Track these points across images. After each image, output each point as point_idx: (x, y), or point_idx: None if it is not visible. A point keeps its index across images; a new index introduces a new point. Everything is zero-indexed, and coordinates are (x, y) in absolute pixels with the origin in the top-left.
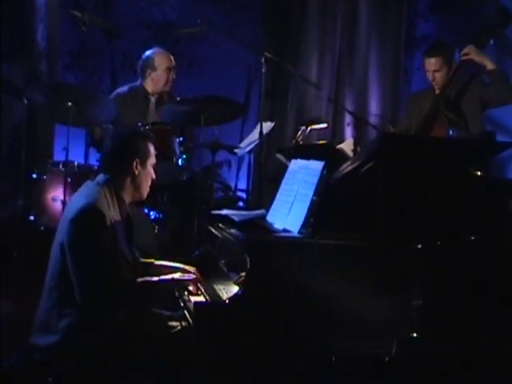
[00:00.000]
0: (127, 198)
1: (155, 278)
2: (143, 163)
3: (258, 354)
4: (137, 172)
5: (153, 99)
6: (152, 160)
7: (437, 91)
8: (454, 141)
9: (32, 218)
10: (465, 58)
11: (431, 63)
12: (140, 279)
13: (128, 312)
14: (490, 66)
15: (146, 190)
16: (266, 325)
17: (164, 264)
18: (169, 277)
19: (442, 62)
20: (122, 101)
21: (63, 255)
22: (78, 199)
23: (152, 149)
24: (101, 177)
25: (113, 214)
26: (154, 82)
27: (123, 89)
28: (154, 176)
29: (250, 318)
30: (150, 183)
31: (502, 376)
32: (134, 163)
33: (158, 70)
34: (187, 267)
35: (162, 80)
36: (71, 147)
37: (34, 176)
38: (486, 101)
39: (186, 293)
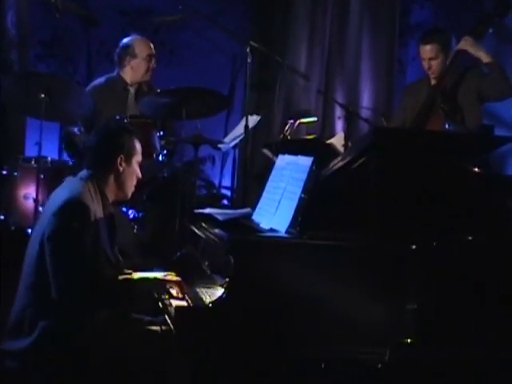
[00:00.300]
0: (110, 196)
1: (138, 274)
2: (128, 160)
3: (243, 361)
4: (121, 169)
5: (132, 90)
6: (138, 158)
7: (432, 81)
8: (450, 135)
9: (2, 217)
10: (461, 47)
11: (427, 50)
12: (121, 277)
13: (107, 314)
14: (485, 59)
15: (130, 189)
16: (252, 330)
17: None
18: (151, 275)
19: (438, 50)
20: (98, 93)
21: (42, 252)
22: (61, 193)
23: (138, 146)
24: (84, 172)
25: (97, 210)
26: (134, 70)
27: (100, 80)
28: (139, 175)
29: (235, 323)
30: (135, 182)
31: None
32: (119, 159)
33: (137, 57)
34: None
35: (142, 68)
36: (44, 142)
37: (4, 172)
38: (483, 93)
39: (166, 296)
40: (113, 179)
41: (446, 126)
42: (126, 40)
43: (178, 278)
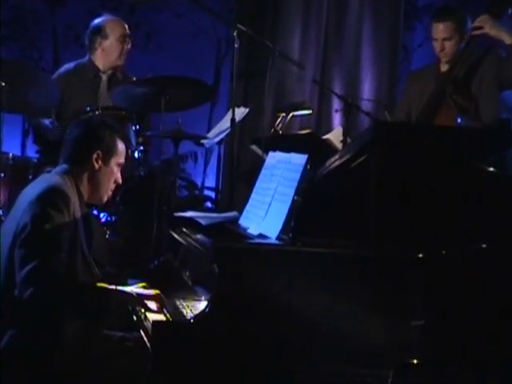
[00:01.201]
0: (86, 195)
1: (113, 287)
2: (106, 159)
3: (228, 382)
4: (97, 166)
5: (104, 77)
6: (119, 159)
7: (443, 67)
8: (462, 130)
9: None
10: (478, 31)
11: (440, 30)
12: (97, 284)
13: (78, 327)
14: (508, 40)
15: (105, 193)
16: (238, 348)
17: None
18: (128, 288)
19: (453, 29)
20: (66, 81)
21: (11, 251)
22: (38, 185)
23: (121, 147)
24: (59, 168)
25: (76, 204)
26: (106, 53)
27: (68, 66)
28: (119, 180)
29: (219, 341)
30: (112, 186)
31: None
32: (95, 155)
33: (109, 38)
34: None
35: (115, 51)
36: (5, 136)
37: None
38: (503, 81)
39: (142, 310)
40: (87, 177)
41: (458, 120)
42: (96, 20)
43: (156, 292)
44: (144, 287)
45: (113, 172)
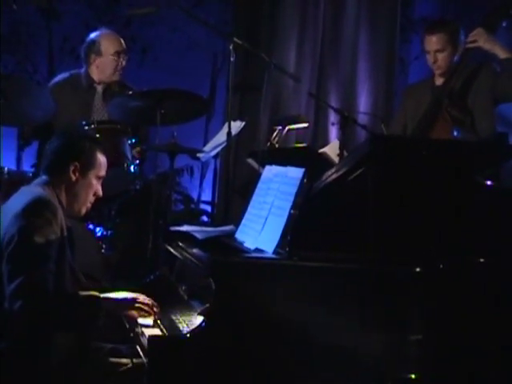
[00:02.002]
0: (68, 204)
1: (104, 295)
2: (84, 171)
3: None
4: (74, 178)
5: (99, 88)
6: (98, 172)
7: (438, 80)
8: (458, 143)
9: None
10: (472, 45)
11: (432, 42)
12: (85, 292)
13: (69, 340)
14: (502, 54)
15: (83, 206)
16: (235, 364)
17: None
18: (120, 296)
19: (446, 40)
20: (60, 90)
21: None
22: (21, 198)
23: (101, 159)
24: (38, 179)
25: (61, 213)
26: (100, 69)
27: (63, 76)
28: (99, 192)
29: (216, 356)
30: (92, 199)
31: None
32: (72, 167)
33: (103, 55)
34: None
35: (110, 67)
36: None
37: None
38: (498, 94)
39: (138, 324)
40: (64, 189)
41: (455, 133)
42: (92, 35)
43: (149, 300)
44: None
45: (91, 184)
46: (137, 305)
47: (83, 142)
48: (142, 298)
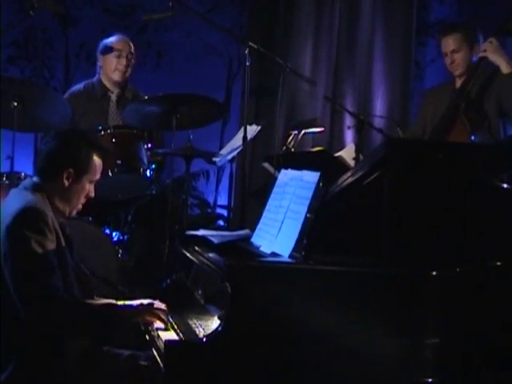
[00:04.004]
0: (60, 208)
1: (118, 303)
2: (78, 177)
3: None
4: (66, 184)
5: (113, 97)
6: (92, 177)
7: (457, 81)
8: (475, 147)
9: None
10: (481, 54)
11: (448, 43)
12: (100, 301)
13: (83, 346)
14: (505, 69)
15: (75, 208)
16: (251, 368)
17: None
18: (136, 302)
19: (462, 40)
20: (77, 101)
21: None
22: (12, 205)
23: (98, 164)
24: (27, 181)
25: (53, 218)
26: (103, 69)
27: (78, 87)
28: (92, 194)
29: (233, 360)
30: (83, 201)
31: None
32: (65, 173)
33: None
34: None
35: (110, 64)
36: (17, 155)
37: None
38: (501, 103)
39: (154, 328)
40: (57, 193)
41: (472, 137)
42: (105, 40)
43: (164, 306)
44: None
45: (84, 188)
46: (153, 311)
47: (80, 145)
48: (157, 304)
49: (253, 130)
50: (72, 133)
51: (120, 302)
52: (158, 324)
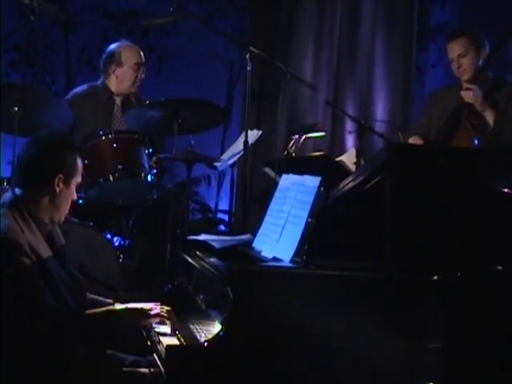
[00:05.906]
0: (46, 217)
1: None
2: (67, 181)
3: None
4: (58, 190)
5: (118, 101)
6: (78, 178)
7: (464, 86)
8: (476, 151)
9: None
10: (467, 99)
11: (454, 48)
12: (96, 310)
13: (84, 353)
14: (490, 118)
15: (64, 213)
16: (253, 373)
17: None
18: (134, 306)
19: (468, 44)
20: (80, 103)
21: None
22: None
23: (80, 165)
24: (7, 195)
25: (31, 239)
26: (119, 80)
27: (82, 88)
28: (75, 197)
29: (233, 365)
30: (69, 205)
31: None
32: (57, 179)
33: (124, 66)
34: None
35: (129, 79)
36: None
37: None
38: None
39: (155, 333)
40: (47, 201)
41: (475, 141)
42: (112, 46)
43: (167, 308)
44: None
45: (72, 192)
46: (153, 312)
47: (64, 150)
48: (158, 306)
49: (254, 134)
50: (51, 138)
51: (121, 306)
52: (161, 328)
